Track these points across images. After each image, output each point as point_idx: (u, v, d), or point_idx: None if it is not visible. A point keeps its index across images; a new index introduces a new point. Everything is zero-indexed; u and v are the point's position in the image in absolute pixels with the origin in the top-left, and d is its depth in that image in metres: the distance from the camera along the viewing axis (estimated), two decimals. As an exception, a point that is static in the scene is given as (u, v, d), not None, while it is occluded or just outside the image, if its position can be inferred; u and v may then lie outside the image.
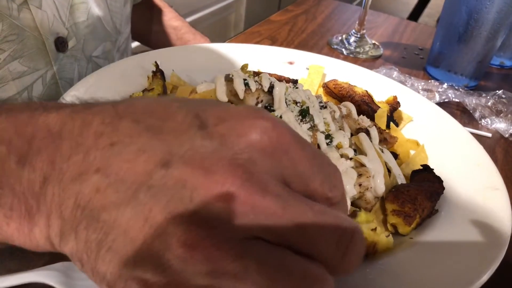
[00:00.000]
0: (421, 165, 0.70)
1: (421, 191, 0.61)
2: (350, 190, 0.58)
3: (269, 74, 0.88)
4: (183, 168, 0.28)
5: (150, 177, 0.28)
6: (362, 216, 0.56)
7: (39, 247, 0.34)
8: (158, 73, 0.81)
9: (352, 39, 1.34)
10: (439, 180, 0.65)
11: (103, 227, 0.29)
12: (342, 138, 0.66)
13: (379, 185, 0.60)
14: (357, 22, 1.34)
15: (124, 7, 1.04)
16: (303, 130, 0.64)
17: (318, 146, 0.65)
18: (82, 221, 0.30)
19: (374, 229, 0.55)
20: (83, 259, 0.30)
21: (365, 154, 0.65)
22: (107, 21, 0.98)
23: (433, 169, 0.68)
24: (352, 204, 0.60)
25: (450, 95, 1.07)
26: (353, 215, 0.56)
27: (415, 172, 0.69)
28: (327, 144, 0.65)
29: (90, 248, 0.30)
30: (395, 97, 0.85)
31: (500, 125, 1.00)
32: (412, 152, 0.78)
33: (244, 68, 0.78)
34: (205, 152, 0.28)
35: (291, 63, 0.99)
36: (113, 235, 0.29)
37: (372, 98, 0.84)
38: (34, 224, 0.32)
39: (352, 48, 1.32)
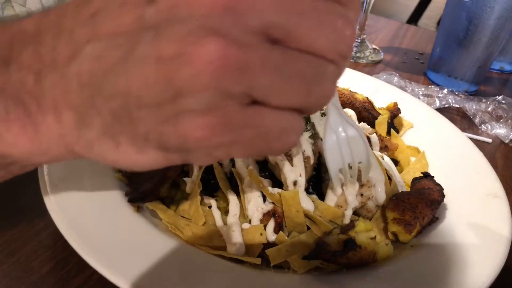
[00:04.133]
0: (422, 172, 0.70)
1: (422, 199, 0.61)
2: (352, 201, 0.59)
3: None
4: None
5: (143, 19, 0.27)
6: (361, 225, 0.56)
7: (50, 150, 0.33)
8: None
9: (352, 44, 1.35)
10: (439, 188, 0.65)
11: (120, 91, 0.28)
12: (343, 146, 0.66)
13: (380, 194, 0.60)
14: (357, 27, 1.35)
15: None
16: (304, 138, 0.65)
17: (320, 154, 0.65)
18: (96, 96, 0.29)
19: (374, 238, 0.55)
20: (116, 131, 0.30)
21: (366, 162, 0.65)
22: None
23: (433, 177, 0.68)
24: (354, 213, 0.61)
25: (450, 100, 1.07)
26: (352, 224, 0.56)
27: (415, 179, 0.69)
28: (328, 152, 0.65)
29: (119, 115, 0.29)
30: (395, 104, 0.85)
31: (500, 130, 1.01)
32: (412, 159, 0.78)
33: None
34: None
35: (292, 69, 0.99)
36: (135, 93, 0.27)
37: (372, 105, 0.84)
38: (39, 123, 0.31)
39: (353, 53, 1.33)
